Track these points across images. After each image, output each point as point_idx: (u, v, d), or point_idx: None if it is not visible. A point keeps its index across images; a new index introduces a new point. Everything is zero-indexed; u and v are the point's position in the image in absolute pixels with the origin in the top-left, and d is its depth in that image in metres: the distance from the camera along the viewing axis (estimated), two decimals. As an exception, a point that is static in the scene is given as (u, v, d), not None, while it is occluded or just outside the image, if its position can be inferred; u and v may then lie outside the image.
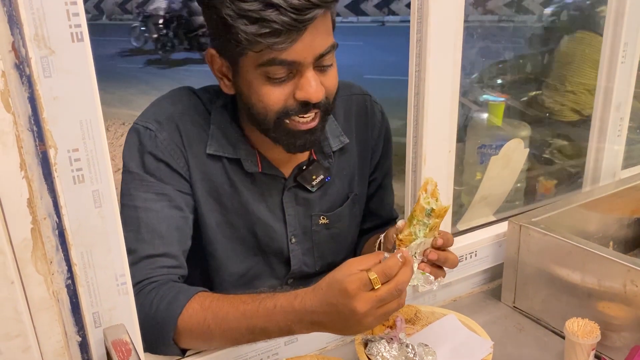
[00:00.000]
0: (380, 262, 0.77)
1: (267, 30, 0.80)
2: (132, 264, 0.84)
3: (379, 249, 0.91)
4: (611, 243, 1.29)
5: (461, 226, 1.26)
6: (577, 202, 1.23)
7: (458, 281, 1.18)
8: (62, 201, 0.71)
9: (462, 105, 1.11)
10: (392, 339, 0.94)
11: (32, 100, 0.67)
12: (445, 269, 0.90)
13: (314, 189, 1.06)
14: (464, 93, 1.75)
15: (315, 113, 0.92)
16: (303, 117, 0.91)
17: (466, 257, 1.17)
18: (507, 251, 1.14)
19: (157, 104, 1.02)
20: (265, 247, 1.07)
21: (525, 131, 1.68)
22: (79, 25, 0.66)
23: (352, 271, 0.75)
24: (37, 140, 0.68)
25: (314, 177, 1.05)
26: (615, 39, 1.31)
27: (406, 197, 1.06)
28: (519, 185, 1.63)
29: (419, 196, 0.81)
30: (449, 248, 0.89)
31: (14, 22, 0.64)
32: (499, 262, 1.21)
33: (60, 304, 0.76)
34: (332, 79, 0.92)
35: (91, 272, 0.76)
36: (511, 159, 1.27)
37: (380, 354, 0.91)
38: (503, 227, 1.20)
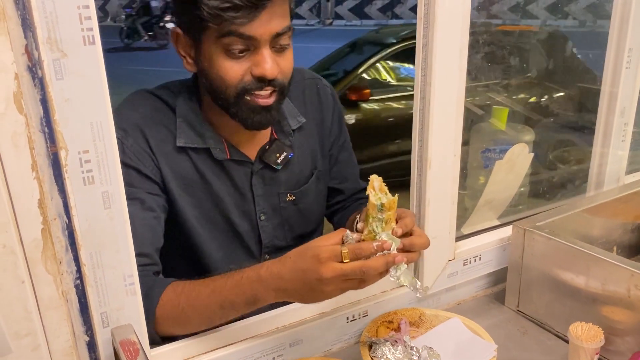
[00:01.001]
0: (342, 237, 0.83)
1: (228, 4, 0.87)
2: None
3: (356, 227, 0.93)
4: (615, 248, 1.30)
5: (465, 230, 1.26)
6: (581, 207, 1.23)
7: (462, 284, 1.19)
8: (72, 202, 0.72)
9: (466, 109, 1.12)
10: (396, 341, 0.95)
11: (44, 102, 0.68)
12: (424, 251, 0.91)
13: (279, 167, 1.11)
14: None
15: (272, 91, 0.97)
16: (260, 93, 0.96)
17: (470, 261, 1.17)
18: (511, 255, 1.15)
19: (118, 112, 1.04)
20: (239, 228, 1.12)
21: (529, 135, 1.69)
22: (90, 29, 0.67)
23: (324, 244, 0.82)
24: (48, 141, 0.69)
25: (277, 154, 1.10)
26: (619, 44, 1.32)
27: (411, 200, 1.06)
28: (522, 189, 1.63)
29: (368, 194, 0.83)
30: (415, 230, 0.88)
31: (27, 25, 0.65)
32: (503, 266, 1.21)
33: (69, 303, 0.76)
34: (287, 60, 0.98)
35: (100, 272, 0.77)
36: (516, 163, 1.28)
37: (384, 356, 0.92)
38: (507, 231, 1.21)
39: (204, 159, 1.05)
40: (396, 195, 0.83)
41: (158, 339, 0.94)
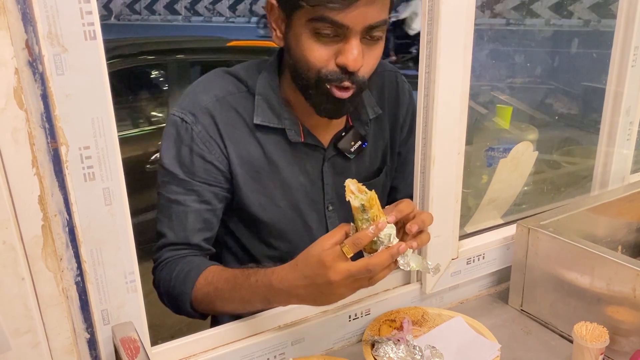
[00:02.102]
0: (345, 233, 0.83)
1: None
2: (158, 247, 1.03)
3: None
4: (620, 247, 1.29)
5: (469, 229, 1.25)
6: (586, 206, 1.22)
7: (465, 283, 1.18)
8: (72, 198, 0.71)
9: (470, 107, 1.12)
10: (399, 340, 0.94)
11: (45, 97, 0.67)
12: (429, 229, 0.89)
13: (352, 155, 1.10)
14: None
15: (350, 86, 0.94)
16: (339, 85, 0.93)
17: (474, 260, 1.16)
18: (515, 254, 1.14)
19: (191, 92, 1.06)
20: (307, 217, 1.11)
21: (533, 134, 1.68)
22: (92, 24, 0.66)
23: (326, 246, 0.81)
24: (48, 137, 0.69)
25: (352, 142, 1.09)
26: (625, 42, 1.31)
27: (414, 198, 1.06)
28: (526, 188, 1.63)
29: (348, 200, 0.83)
30: (416, 211, 0.88)
31: (27, 19, 0.64)
32: (506, 265, 1.21)
33: (69, 300, 0.76)
34: (374, 56, 0.95)
35: (100, 269, 0.76)
36: (520, 161, 1.27)
37: (387, 355, 0.91)
38: (511, 230, 1.20)
39: (275, 142, 1.05)
40: (372, 190, 0.82)
41: (196, 315, 1.00)
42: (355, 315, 1.04)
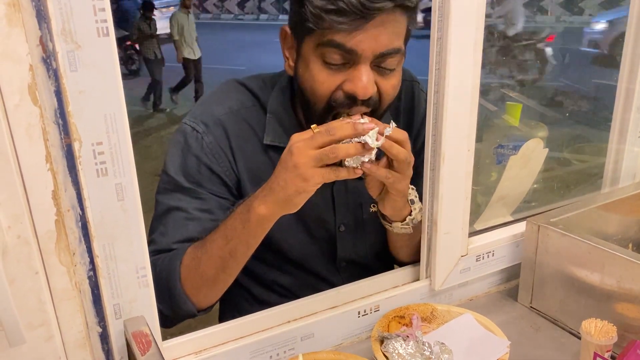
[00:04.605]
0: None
1: (334, 7, 0.82)
2: (150, 252, 0.90)
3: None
4: (630, 245, 1.28)
5: (478, 226, 1.25)
6: (596, 203, 1.22)
7: (475, 280, 1.18)
8: (85, 194, 0.72)
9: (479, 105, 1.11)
10: (408, 336, 0.95)
11: (58, 93, 0.68)
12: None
13: (364, 175, 1.07)
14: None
15: (364, 112, 0.90)
16: (349, 111, 0.91)
17: (483, 257, 1.16)
18: (525, 251, 1.14)
19: (205, 102, 1.05)
20: (315, 236, 1.10)
21: (543, 132, 1.67)
22: (104, 21, 0.67)
23: (295, 139, 0.84)
24: (62, 133, 0.70)
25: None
26: (637, 39, 1.30)
27: (424, 194, 1.06)
28: (536, 186, 1.62)
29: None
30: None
31: (42, 16, 0.65)
32: (516, 262, 1.20)
33: (82, 295, 0.77)
34: (390, 84, 0.92)
35: (113, 264, 0.77)
36: (530, 158, 1.27)
37: (396, 351, 0.92)
38: (521, 227, 1.20)
39: None
40: None
41: (186, 300, 0.94)
42: (365, 311, 1.05)
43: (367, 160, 0.86)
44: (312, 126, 0.85)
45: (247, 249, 0.92)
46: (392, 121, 0.88)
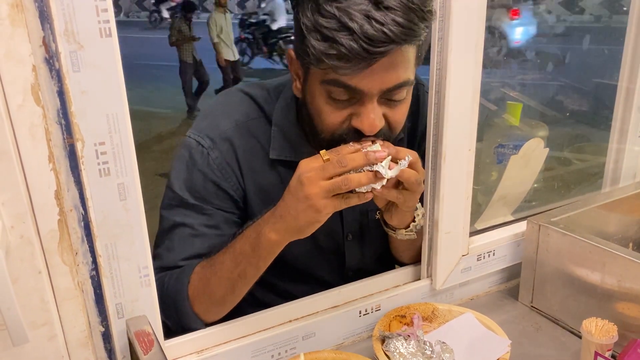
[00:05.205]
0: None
1: (335, 52, 0.77)
2: (155, 268, 0.86)
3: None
4: (631, 244, 1.28)
5: (479, 225, 1.25)
6: (597, 203, 1.22)
7: (476, 280, 1.18)
8: (88, 194, 0.72)
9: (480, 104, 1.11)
10: (409, 335, 0.95)
11: (61, 94, 0.68)
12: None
13: None
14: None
15: (372, 142, 0.87)
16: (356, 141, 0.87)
17: (484, 256, 1.17)
18: (526, 251, 1.14)
19: (210, 115, 1.02)
20: (323, 244, 1.09)
21: (543, 131, 1.67)
22: (107, 21, 0.67)
23: (304, 169, 0.82)
24: (65, 133, 0.70)
25: None
26: (637, 39, 1.30)
27: (425, 194, 1.06)
28: (536, 185, 1.62)
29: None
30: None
31: (44, 17, 0.65)
32: (517, 262, 1.21)
33: (84, 294, 0.77)
34: (400, 112, 0.89)
35: (115, 263, 0.77)
36: (531, 158, 1.27)
37: (397, 351, 0.92)
38: (521, 226, 1.20)
39: (293, 172, 1.00)
40: None
41: (194, 318, 0.95)
42: (366, 310, 1.05)
43: (379, 187, 0.84)
44: (321, 152, 0.83)
45: (257, 271, 0.91)
46: (408, 155, 0.86)
